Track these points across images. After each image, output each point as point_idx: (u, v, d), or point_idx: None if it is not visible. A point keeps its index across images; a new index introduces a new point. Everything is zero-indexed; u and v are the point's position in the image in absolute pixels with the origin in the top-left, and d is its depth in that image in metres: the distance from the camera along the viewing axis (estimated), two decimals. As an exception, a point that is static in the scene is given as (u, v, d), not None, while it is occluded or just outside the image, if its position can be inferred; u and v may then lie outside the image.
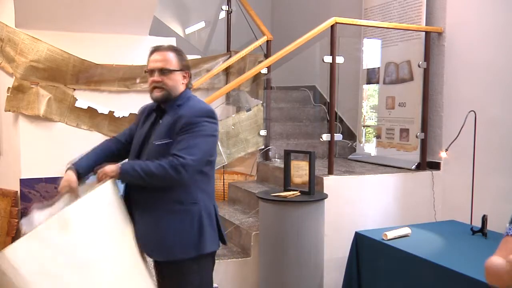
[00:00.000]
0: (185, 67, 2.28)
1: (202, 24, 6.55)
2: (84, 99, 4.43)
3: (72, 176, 2.18)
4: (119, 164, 2.14)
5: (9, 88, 4.22)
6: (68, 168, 2.22)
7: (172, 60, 2.23)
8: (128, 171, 2.12)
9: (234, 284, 3.45)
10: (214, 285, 2.48)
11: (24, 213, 4.31)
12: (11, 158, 4.42)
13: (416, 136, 3.98)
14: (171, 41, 4.60)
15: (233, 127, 4.33)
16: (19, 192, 4.33)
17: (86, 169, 2.24)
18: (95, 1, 4.15)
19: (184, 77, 2.27)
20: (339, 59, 3.73)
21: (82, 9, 4.18)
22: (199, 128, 2.14)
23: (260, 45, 4.66)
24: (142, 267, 2.19)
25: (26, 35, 4.17)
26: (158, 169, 2.08)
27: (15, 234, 4.31)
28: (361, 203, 3.71)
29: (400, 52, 4.20)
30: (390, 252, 2.91)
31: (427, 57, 3.93)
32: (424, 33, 3.93)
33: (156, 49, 2.29)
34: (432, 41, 3.94)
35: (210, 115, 2.20)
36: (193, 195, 2.20)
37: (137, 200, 2.23)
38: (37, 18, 4.14)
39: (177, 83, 2.24)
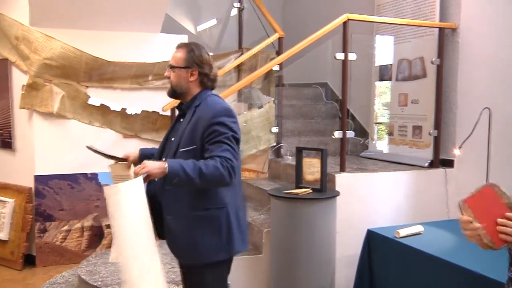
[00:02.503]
0: (193, 65, 2.23)
1: (213, 21, 6.55)
2: (97, 96, 4.46)
3: (136, 154, 2.34)
4: (165, 164, 2.01)
5: (23, 85, 4.27)
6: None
7: (178, 57, 2.25)
8: (177, 172, 1.99)
9: (246, 281, 3.46)
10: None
11: (38, 209, 4.36)
12: (26, 155, 4.47)
13: (429, 134, 3.95)
14: (183, 39, 4.61)
15: (244, 124, 4.32)
16: (33, 188, 4.38)
17: (146, 156, 2.33)
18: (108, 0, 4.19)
19: (192, 74, 2.24)
20: (352, 56, 3.70)
21: (95, 7, 4.21)
22: (224, 129, 2.12)
23: (271, 42, 4.65)
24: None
25: (40, 33, 4.21)
26: (210, 170, 2.01)
27: (29, 230, 4.37)
28: (373, 201, 3.69)
29: (413, 48, 4.16)
30: (402, 249, 2.89)
31: (440, 53, 3.89)
32: (437, 29, 3.88)
33: (176, 47, 2.33)
34: (446, 37, 3.90)
35: (228, 114, 2.17)
36: (219, 199, 2.18)
37: (165, 205, 2.22)
38: (51, 17, 4.18)
39: (181, 80, 2.25)
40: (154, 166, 2.02)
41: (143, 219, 2.07)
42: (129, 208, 2.03)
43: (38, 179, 4.37)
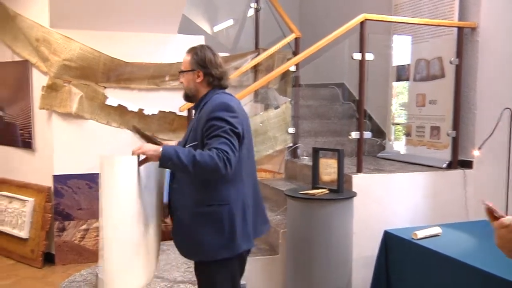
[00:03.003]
0: (197, 67, 2.30)
1: (230, 22, 6.57)
2: (114, 97, 4.51)
3: (174, 143, 2.45)
4: (159, 148, 2.08)
5: (43, 86, 4.33)
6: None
7: (185, 61, 2.35)
8: (170, 156, 2.04)
9: (262, 282, 3.46)
10: (242, 282, 2.49)
11: (57, 208, 4.42)
12: (45, 155, 4.54)
13: (448, 134, 3.90)
14: (200, 39, 4.64)
15: (261, 124, 4.33)
16: (52, 187, 4.44)
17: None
18: (125, 1, 4.22)
19: (198, 76, 2.31)
20: (369, 56, 3.68)
21: (113, 9, 4.26)
22: (222, 123, 2.13)
23: (288, 43, 4.64)
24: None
25: (59, 34, 4.27)
26: (204, 158, 2.03)
27: (49, 229, 4.43)
28: (390, 202, 3.66)
29: (431, 48, 4.11)
30: (420, 251, 2.86)
31: (459, 53, 3.84)
32: (456, 28, 3.84)
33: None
34: (465, 36, 3.85)
35: (226, 108, 2.18)
36: (223, 195, 2.20)
37: (173, 202, 2.31)
38: (70, 18, 4.24)
39: (190, 82, 2.34)
40: (149, 148, 2.09)
41: (128, 196, 2.09)
42: (118, 180, 2.06)
43: (57, 178, 4.43)
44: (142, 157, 2.12)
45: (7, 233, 4.69)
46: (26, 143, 4.70)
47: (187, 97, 2.40)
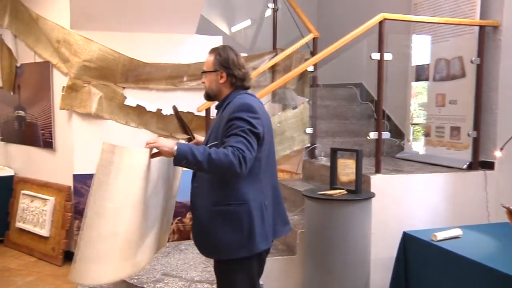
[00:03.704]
0: (221, 67, 2.31)
1: (248, 22, 6.58)
2: (133, 97, 4.55)
3: (202, 140, 2.48)
4: (175, 145, 2.05)
5: (63, 87, 4.40)
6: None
7: (208, 62, 2.36)
8: (185, 154, 2.03)
9: (279, 282, 3.46)
10: (260, 282, 2.49)
11: (76, 207, 4.48)
12: (65, 155, 4.60)
13: (468, 135, 3.85)
14: (217, 40, 4.66)
15: (278, 124, 4.32)
16: (72, 187, 4.50)
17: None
18: (144, 2, 4.26)
19: (221, 77, 2.32)
20: (387, 56, 3.65)
21: (132, 10, 4.30)
22: (241, 123, 2.14)
23: (306, 43, 4.63)
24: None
25: (79, 36, 4.33)
26: (219, 156, 2.03)
27: (69, 227, 4.49)
28: (409, 203, 3.62)
29: (452, 48, 4.06)
30: (439, 253, 2.83)
31: (480, 52, 3.78)
32: (478, 27, 3.78)
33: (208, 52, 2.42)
34: (486, 35, 3.79)
35: (247, 109, 2.19)
36: (241, 195, 2.21)
37: (192, 200, 2.34)
38: (90, 20, 4.29)
39: (212, 83, 2.35)
40: (164, 143, 2.08)
41: (128, 187, 2.09)
42: (114, 170, 2.05)
43: (77, 178, 4.48)
44: (155, 150, 2.12)
45: (29, 231, 4.77)
46: (47, 143, 4.77)
47: (208, 97, 2.40)
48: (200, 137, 2.54)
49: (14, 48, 5.00)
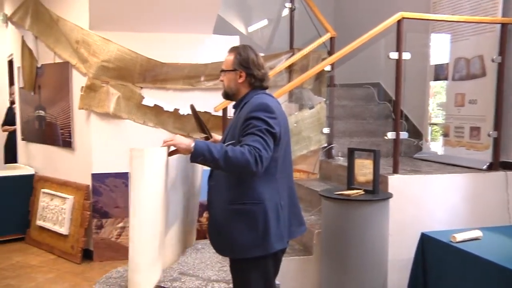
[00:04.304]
0: (240, 67, 2.31)
1: (265, 22, 6.58)
2: (151, 97, 4.58)
3: (219, 139, 2.48)
4: (192, 142, 2.07)
5: (82, 87, 4.45)
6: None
7: (228, 61, 2.35)
8: (202, 151, 2.05)
9: (296, 282, 3.45)
10: (276, 282, 2.49)
11: (95, 206, 4.53)
12: (84, 154, 4.66)
13: (488, 135, 3.79)
14: (234, 40, 4.67)
15: (295, 124, 4.31)
16: (90, 186, 4.55)
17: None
18: (161, 2, 4.29)
19: (240, 76, 2.32)
20: (406, 55, 3.62)
21: (150, 10, 4.33)
22: (258, 123, 2.14)
23: (323, 42, 4.61)
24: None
25: (98, 36, 4.38)
26: (235, 154, 2.04)
27: (87, 226, 4.54)
28: (428, 204, 3.58)
29: (472, 46, 4.00)
30: (459, 255, 2.79)
31: (502, 51, 3.72)
32: (499, 25, 3.72)
33: (227, 51, 2.42)
34: (509, 33, 3.72)
35: (265, 109, 2.19)
36: (257, 194, 2.21)
37: (209, 199, 2.34)
38: (108, 20, 4.34)
39: (231, 82, 2.35)
40: (181, 141, 2.10)
41: (156, 187, 2.12)
42: (147, 173, 2.08)
43: (95, 177, 4.54)
44: (172, 148, 2.14)
45: (49, 229, 4.85)
46: (66, 143, 4.84)
47: (227, 96, 2.41)
48: (217, 136, 2.54)
49: (35, 49, 5.09)
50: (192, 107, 2.50)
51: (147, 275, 2.15)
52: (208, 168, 2.30)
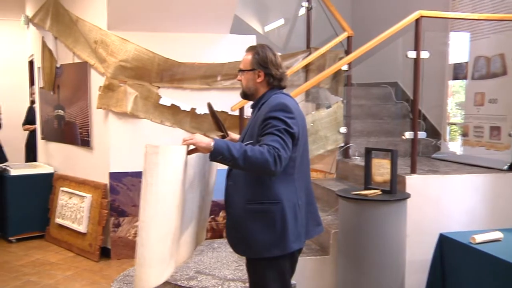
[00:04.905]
0: (259, 66, 2.31)
1: (281, 21, 6.56)
2: (168, 96, 4.61)
3: (236, 138, 2.51)
4: (211, 141, 2.08)
5: (100, 86, 4.50)
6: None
7: (246, 60, 2.35)
8: (221, 150, 2.05)
9: (312, 282, 3.44)
10: (292, 282, 2.48)
11: (112, 204, 4.57)
12: (102, 153, 4.71)
13: (509, 135, 3.73)
14: (251, 39, 4.67)
15: (312, 124, 4.30)
16: (108, 184, 4.60)
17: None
18: (178, 3, 4.31)
19: (259, 76, 2.32)
20: (424, 54, 3.58)
21: (167, 10, 4.35)
22: (277, 122, 2.14)
23: (340, 41, 4.59)
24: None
25: (116, 36, 4.42)
26: (255, 153, 2.04)
27: (105, 224, 4.59)
28: (446, 204, 3.53)
29: (492, 45, 3.94)
30: (478, 256, 2.75)
31: (524, 49, 3.66)
32: (522, 22, 3.66)
33: (245, 50, 2.42)
34: (530, 32, 3.67)
35: (283, 109, 2.18)
36: (275, 194, 2.21)
37: (227, 199, 2.35)
38: (126, 21, 4.38)
39: (249, 82, 2.35)
40: (201, 139, 2.10)
41: (172, 185, 2.12)
42: (161, 170, 2.08)
43: (113, 176, 4.58)
44: (192, 147, 2.15)
45: (67, 227, 4.91)
46: (85, 142, 4.90)
47: (245, 96, 2.41)
48: (234, 135, 2.55)
49: (54, 49, 5.16)
50: (210, 106, 2.50)
51: (155, 272, 2.15)
52: (223, 168, 2.31)
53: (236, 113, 4.27)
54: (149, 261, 2.13)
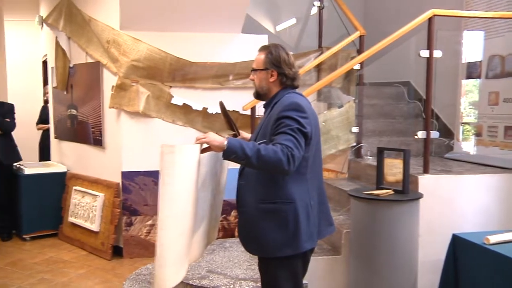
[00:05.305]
0: (272, 66, 2.31)
1: (293, 21, 6.55)
2: (180, 96, 4.63)
3: (248, 137, 2.52)
4: (225, 140, 2.08)
5: (113, 86, 4.53)
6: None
7: (259, 60, 2.35)
8: (235, 149, 2.05)
9: (324, 282, 3.43)
10: (304, 282, 2.48)
11: (125, 203, 4.60)
12: (114, 152, 4.74)
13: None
14: (263, 39, 4.67)
15: (323, 123, 4.29)
16: (120, 183, 4.63)
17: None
18: (190, 2, 4.32)
19: (272, 75, 2.32)
20: (437, 53, 3.55)
21: (179, 10, 4.37)
22: (290, 122, 2.14)
23: (352, 41, 4.57)
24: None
25: (128, 36, 4.45)
26: (268, 152, 2.04)
27: (117, 223, 4.62)
28: (459, 204, 3.51)
29: (507, 43, 3.90)
30: (493, 257, 2.72)
31: (539, 48, 3.61)
32: (537, 21, 3.61)
33: (258, 50, 2.41)
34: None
35: (296, 108, 2.18)
36: (287, 193, 2.21)
37: (239, 198, 2.36)
38: (138, 20, 4.40)
39: (263, 81, 2.34)
40: (214, 138, 2.10)
41: (187, 184, 2.12)
42: (178, 169, 2.09)
43: (125, 175, 4.61)
44: (205, 145, 2.16)
45: (80, 226, 4.95)
46: (97, 141, 4.93)
47: (258, 96, 2.40)
48: (245, 134, 2.55)
49: (67, 49, 5.21)
50: (221, 104, 2.51)
51: (174, 271, 2.17)
52: (235, 167, 2.31)
53: (248, 112, 4.27)
54: (167, 260, 2.14)
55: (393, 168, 3.22)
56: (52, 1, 5.47)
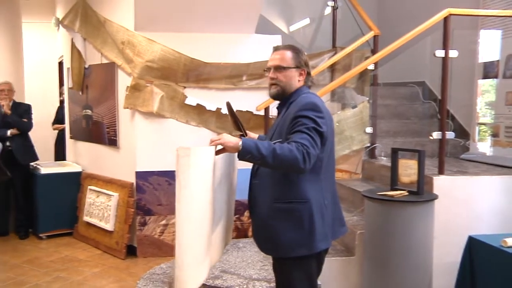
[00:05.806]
0: (302, 65, 2.30)
1: (307, 21, 6.54)
2: (193, 96, 4.64)
3: (255, 137, 2.56)
4: (239, 141, 2.06)
5: (127, 87, 4.56)
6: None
7: (287, 57, 2.30)
8: (250, 149, 2.04)
9: (337, 283, 3.41)
10: (318, 282, 2.47)
11: (138, 203, 4.63)
12: (128, 152, 4.77)
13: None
14: (277, 39, 4.67)
15: (337, 124, 4.27)
16: (134, 183, 4.66)
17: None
18: (204, 3, 4.33)
19: (301, 74, 2.31)
20: (453, 53, 3.51)
21: (192, 11, 4.39)
22: (307, 121, 2.13)
23: (366, 41, 4.54)
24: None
25: (143, 37, 4.48)
26: (284, 151, 2.02)
27: (131, 222, 4.66)
28: (475, 206, 3.46)
29: (525, 43, 3.85)
30: (510, 260, 2.68)
31: (557, 47, 3.55)
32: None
33: (275, 49, 2.39)
34: None
35: (313, 108, 2.17)
36: (302, 193, 2.20)
37: (253, 198, 2.35)
38: (153, 21, 4.42)
39: (291, 80, 2.31)
40: (229, 139, 2.08)
41: (203, 186, 2.12)
42: (193, 172, 2.08)
43: (139, 175, 4.64)
44: (219, 147, 2.15)
45: (95, 225, 5.00)
46: (112, 141, 4.97)
47: (283, 94, 2.32)
48: (252, 134, 2.54)
49: (83, 50, 5.26)
50: (228, 105, 2.50)
51: (194, 273, 2.18)
52: (246, 167, 2.30)
53: (261, 112, 4.27)
54: (186, 263, 2.14)
55: (408, 169, 3.20)
56: (68, 3, 5.53)
